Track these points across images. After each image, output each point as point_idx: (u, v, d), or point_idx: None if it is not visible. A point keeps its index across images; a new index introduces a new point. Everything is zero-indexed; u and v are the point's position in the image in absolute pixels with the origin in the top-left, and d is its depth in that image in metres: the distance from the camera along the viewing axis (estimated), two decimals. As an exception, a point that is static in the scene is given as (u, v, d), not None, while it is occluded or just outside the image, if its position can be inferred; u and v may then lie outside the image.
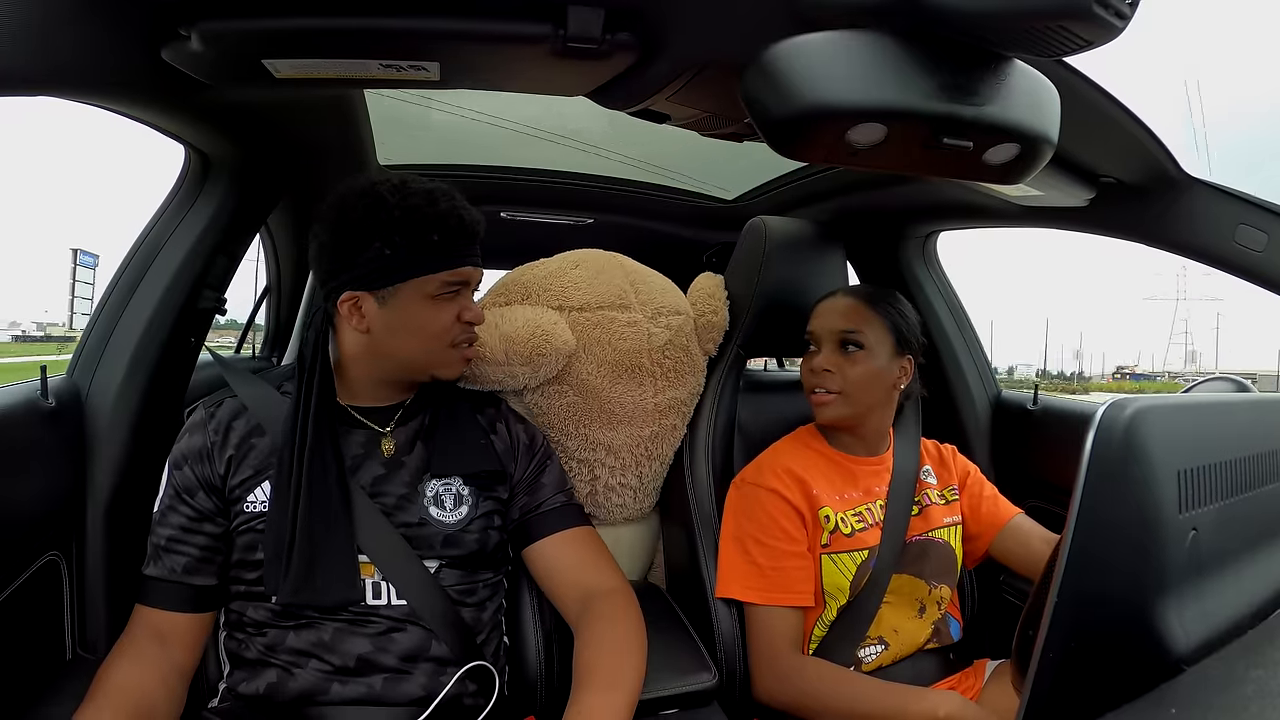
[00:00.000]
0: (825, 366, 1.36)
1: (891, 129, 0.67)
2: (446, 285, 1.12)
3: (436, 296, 1.12)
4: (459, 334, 1.15)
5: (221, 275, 1.39)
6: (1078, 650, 0.56)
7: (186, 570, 1.08)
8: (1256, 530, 0.74)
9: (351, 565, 1.07)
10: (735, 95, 0.70)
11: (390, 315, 1.11)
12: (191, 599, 1.08)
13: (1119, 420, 0.58)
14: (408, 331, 1.12)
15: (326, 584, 1.05)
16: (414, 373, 1.18)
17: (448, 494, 1.16)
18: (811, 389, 1.37)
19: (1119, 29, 0.58)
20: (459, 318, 1.14)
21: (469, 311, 1.15)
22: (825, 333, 1.38)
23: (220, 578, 1.11)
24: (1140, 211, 1.24)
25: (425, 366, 1.17)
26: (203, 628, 1.10)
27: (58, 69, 0.84)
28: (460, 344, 1.16)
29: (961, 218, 1.68)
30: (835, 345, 1.37)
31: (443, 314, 1.13)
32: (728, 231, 2.11)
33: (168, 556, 1.08)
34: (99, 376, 1.22)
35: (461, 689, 1.10)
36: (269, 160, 1.39)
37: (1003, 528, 1.44)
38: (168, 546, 1.08)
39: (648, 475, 1.63)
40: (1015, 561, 1.42)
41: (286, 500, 1.06)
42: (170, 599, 1.07)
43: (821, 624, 1.34)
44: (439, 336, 1.14)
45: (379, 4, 0.81)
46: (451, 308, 1.14)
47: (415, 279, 1.10)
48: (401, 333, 1.12)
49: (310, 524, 1.05)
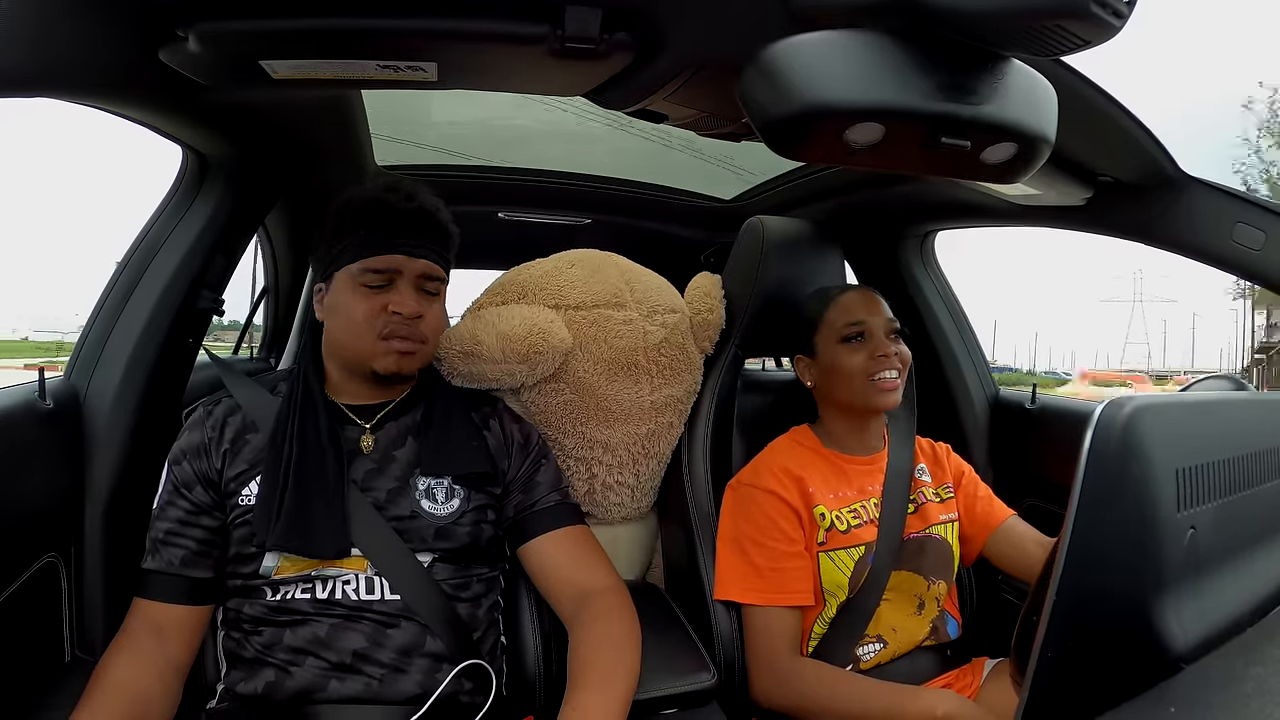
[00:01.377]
0: (895, 350, 1.38)
1: (889, 128, 0.67)
2: (370, 273, 1.15)
3: (364, 285, 1.15)
4: (384, 325, 1.15)
5: (219, 276, 1.39)
6: (1077, 648, 0.56)
7: (184, 563, 1.09)
8: (1255, 528, 0.75)
9: (340, 517, 1.09)
10: (733, 95, 0.70)
11: (330, 304, 1.18)
12: (189, 591, 1.09)
13: (1117, 419, 0.58)
14: (339, 320, 1.17)
15: (318, 532, 1.07)
16: (355, 364, 1.19)
17: (439, 488, 1.17)
18: (880, 371, 1.37)
19: (1117, 28, 0.58)
20: (385, 307, 1.15)
21: (396, 303, 1.15)
22: (878, 323, 1.40)
23: (217, 571, 1.12)
24: (1138, 210, 1.24)
25: (358, 357, 1.17)
26: (199, 622, 1.11)
27: (55, 70, 0.84)
28: (390, 336, 1.16)
29: (959, 217, 1.68)
30: (886, 334, 1.39)
31: (366, 303, 1.14)
32: (725, 231, 2.11)
33: (166, 550, 1.09)
34: (97, 378, 1.22)
35: (458, 687, 1.10)
36: (266, 161, 1.38)
37: (996, 529, 1.44)
38: (166, 540, 1.10)
39: (645, 474, 1.63)
40: (1008, 564, 1.43)
41: (279, 456, 1.10)
42: (168, 591, 1.08)
43: (822, 621, 1.34)
44: (364, 325, 1.15)
45: (376, 4, 0.80)
46: (379, 298, 1.15)
47: (344, 268, 1.16)
48: (336, 321, 1.17)
49: (302, 474, 1.08)
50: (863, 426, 1.45)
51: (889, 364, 1.37)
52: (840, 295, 1.45)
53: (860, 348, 1.38)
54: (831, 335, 1.42)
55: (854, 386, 1.38)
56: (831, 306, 1.44)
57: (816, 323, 1.45)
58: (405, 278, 1.16)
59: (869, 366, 1.37)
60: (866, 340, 1.39)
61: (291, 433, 1.11)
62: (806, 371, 1.47)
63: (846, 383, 1.39)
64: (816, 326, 1.44)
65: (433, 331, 1.21)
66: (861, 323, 1.39)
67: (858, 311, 1.41)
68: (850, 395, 1.39)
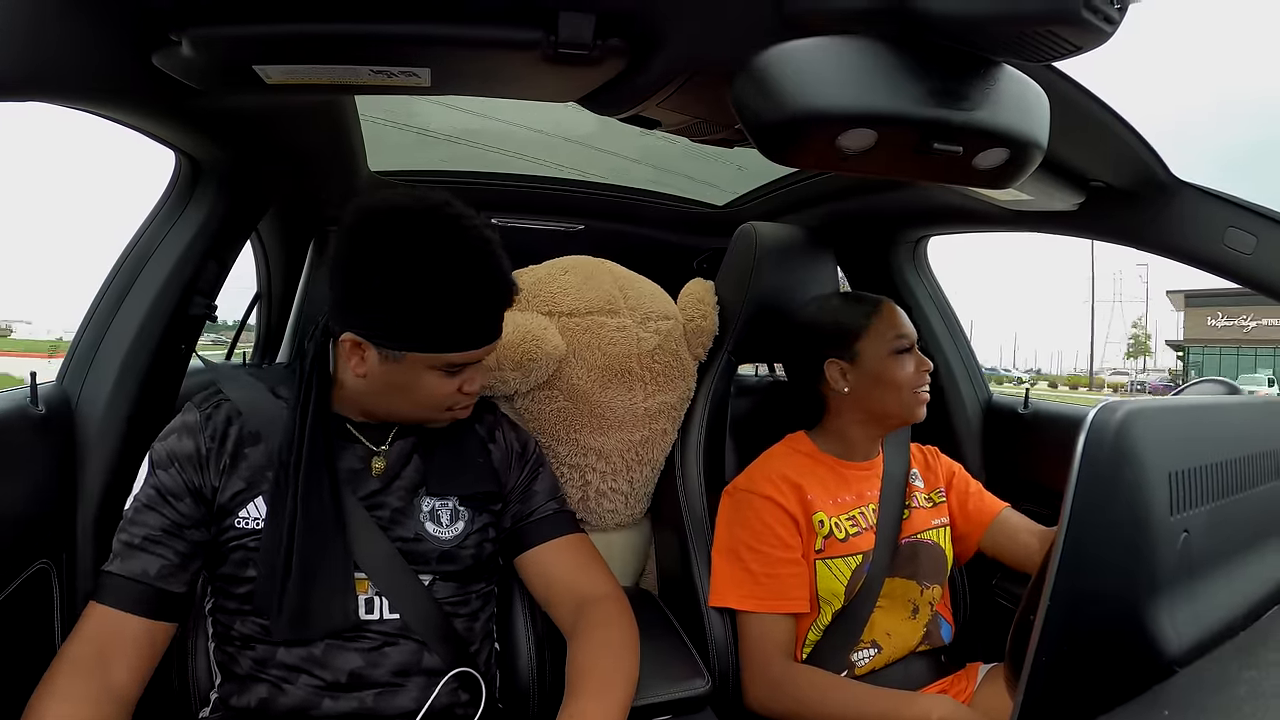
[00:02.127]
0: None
1: (882, 134, 0.67)
2: (453, 365, 1.07)
3: (442, 370, 1.06)
4: (456, 401, 1.11)
5: (212, 281, 1.38)
6: (1071, 653, 0.56)
7: (160, 574, 1.01)
8: (1248, 532, 0.75)
9: (347, 590, 1.05)
10: (726, 101, 0.70)
11: (390, 373, 1.05)
12: (155, 604, 1.00)
13: (1110, 423, 0.58)
14: (404, 393, 1.08)
15: (321, 614, 1.03)
16: (401, 420, 1.15)
17: (444, 510, 1.14)
18: (922, 385, 1.40)
19: (1108, 34, 0.59)
20: (460, 389, 1.09)
21: (472, 384, 1.11)
22: (913, 337, 1.42)
23: (190, 586, 1.05)
24: (1130, 215, 1.25)
25: (414, 420, 1.14)
26: (156, 643, 1.02)
27: (48, 74, 0.83)
28: (456, 409, 1.13)
29: (952, 222, 1.69)
30: (914, 347, 1.41)
31: (444, 386, 1.07)
32: (718, 237, 2.11)
33: (140, 556, 1.01)
34: (89, 383, 1.21)
35: (453, 699, 1.09)
36: (260, 166, 1.38)
37: (990, 523, 1.46)
38: (142, 546, 1.01)
39: (639, 480, 1.63)
40: (1005, 555, 1.43)
41: (281, 529, 1.03)
42: (133, 601, 0.99)
43: (816, 628, 1.34)
44: (435, 404, 1.10)
45: (370, 10, 0.80)
46: (455, 380, 1.08)
47: (423, 351, 1.04)
48: (398, 391, 1.08)
49: (305, 552, 1.02)
50: (878, 435, 1.46)
51: (926, 379, 1.40)
52: (882, 305, 1.44)
53: (909, 359, 1.40)
54: (882, 345, 1.39)
55: (901, 398, 1.38)
56: (877, 316, 1.42)
57: (858, 330, 1.41)
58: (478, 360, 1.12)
59: (915, 380, 1.39)
60: (911, 353, 1.40)
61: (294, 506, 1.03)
62: (841, 376, 1.41)
63: (895, 393, 1.38)
64: (858, 334, 1.41)
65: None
66: (907, 336, 1.41)
67: (904, 324, 1.42)
68: (895, 405, 1.39)
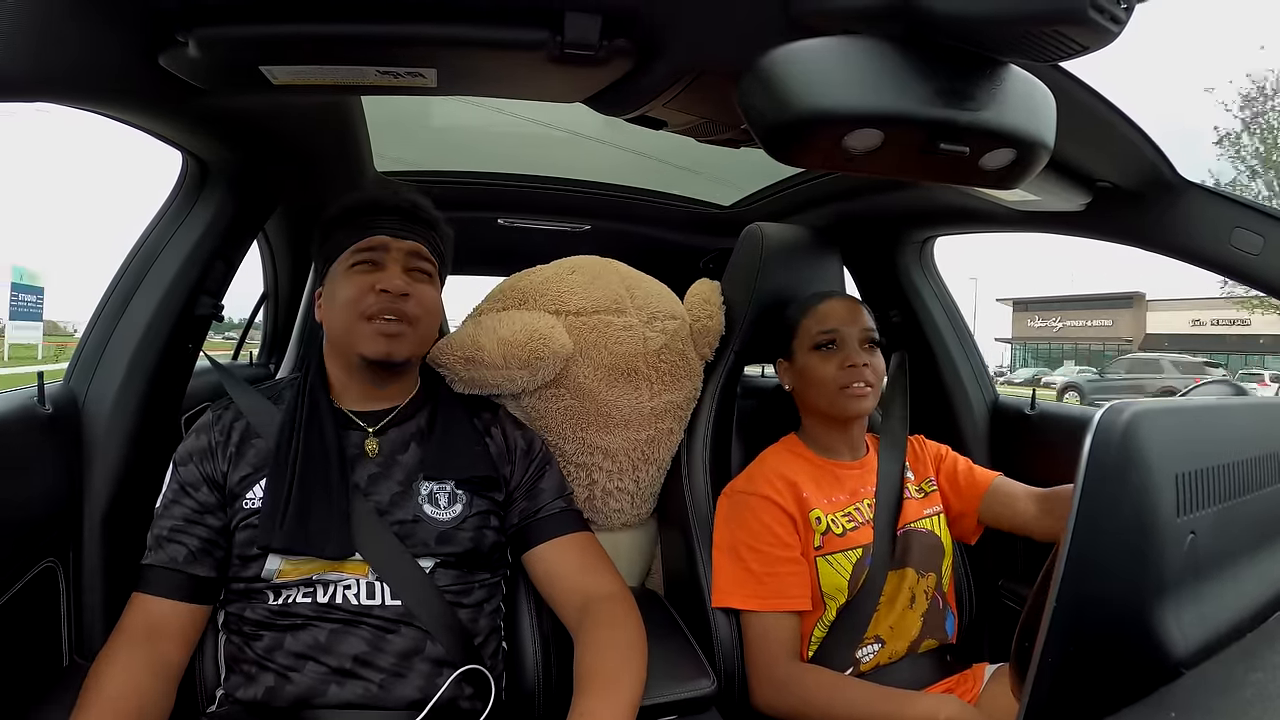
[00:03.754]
0: (865, 362, 1.39)
1: (888, 134, 0.67)
2: (358, 254, 1.17)
3: (353, 268, 1.17)
4: (372, 304, 1.15)
5: (219, 282, 1.39)
6: (1076, 654, 0.56)
7: (187, 560, 1.08)
8: (1254, 533, 0.75)
9: (344, 522, 1.09)
10: (732, 101, 0.70)
11: (325, 298, 1.21)
12: (189, 588, 1.08)
13: (1117, 424, 0.58)
14: (332, 307, 1.18)
15: (319, 535, 1.07)
16: (346, 351, 1.19)
17: (441, 493, 1.17)
18: (852, 383, 1.38)
19: (1115, 34, 0.58)
20: (372, 287, 1.15)
21: (383, 281, 1.15)
22: (852, 332, 1.41)
23: (219, 571, 1.11)
24: (1136, 216, 1.24)
25: (347, 343, 1.17)
26: (195, 623, 1.10)
27: (56, 75, 0.84)
28: (375, 315, 1.15)
29: (958, 223, 1.69)
30: (859, 343, 1.41)
31: (355, 285, 1.16)
32: (724, 238, 2.11)
33: (169, 546, 1.09)
34: (96, 383, 1.22)
35: (458, 692, 1.10)
36: (266, 167, 1.38)
37: (984, 494, 1.46)
38: (170, 537, 1.09)
39: (645, 480, 1.63)
40: (1006, 523, 1.43)
41: (285, 460, 1.11)
42: (169, 587, 1.07)
43: (822, 625, 1.34)
44: (351, 307, 1.15)
45: (376, 11, 0.81)
46: (367, 279, 1.16)
47: (337, 260, 1.19)
48: (330, 313, 1.19)
49: (306, 478, 1.09)
50: (842, 431, 1.46)
51: (858, 375, 1.38)
52: (819, 303, 1.47)
53: (831, 356, 1.41)
54: (806, 342, 1.45)
55: (825, 394, 1.41)
56: (809, 314, 1.47)
57: (794, 328, 1.48)
58: (392, 256, 1.18)
59: (839, 376, 1.39)
60: (838, 349, 1.41)
61: (297, 438, 1.12)
62: (786, 375, 1.52)
63: (817, 389, 1.42)
64: (794, 332, 1.48)
65: (424, 312, 1.19)
66: (834, 331, 1.42)
67: (831, 320, 1.43)
68: (824, 402, 1.42)
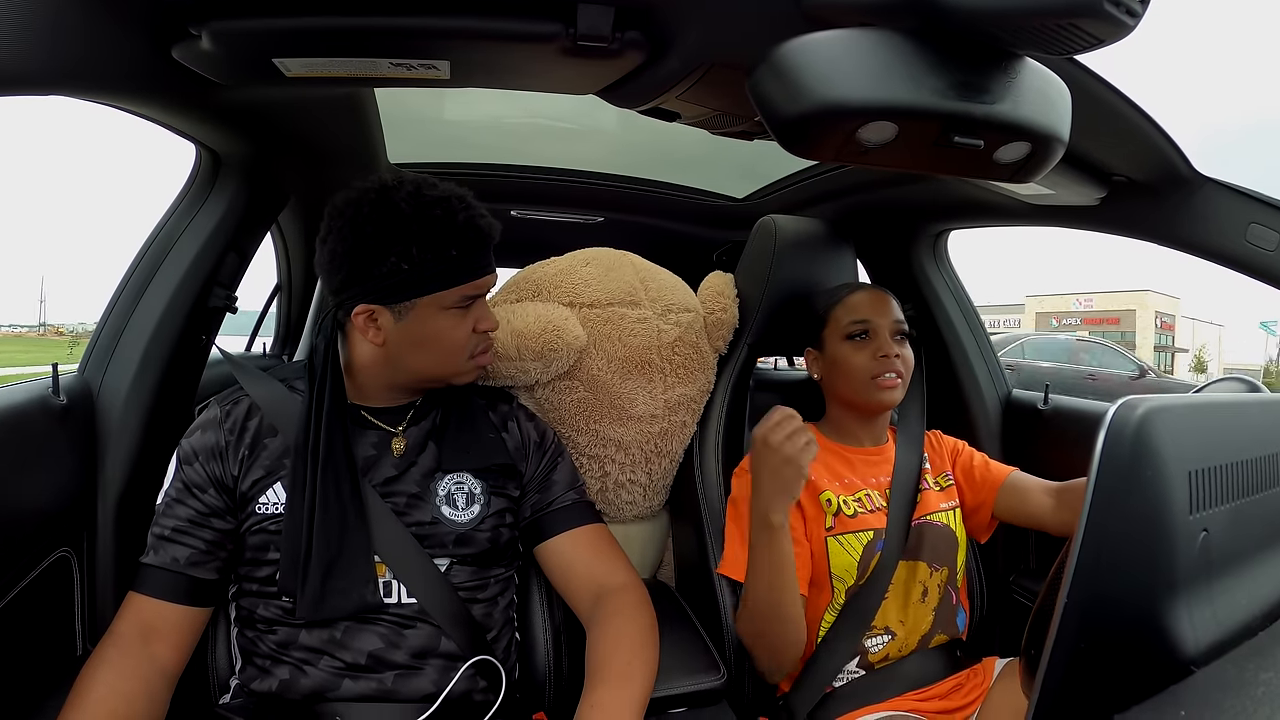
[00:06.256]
0: (897, 353, 1.40)
1: (902, 127, 0.66)
2: (464, 298, 1.11)
3: (452, 308, 1.11)
4: (476, 344, 1.15)
5: (232, 273, 1.40)
6: (1087, 651, 0.56)
7: (190, 562, 1.06)
8: (1267, 531, 0.74)
9: (368, 572, 1.07)
10: (745, 93, 0.70)
11: (407, 329, 1.10)
12: (190, 591, 1.06)
13: (1130, 420, 0.58)
14: (425, 345, 1.12)
15: (343, 594, 1.05)
16: (429, 382, 1.18)
17: (460, 492, 1.16)
18: (883, 373, 1.39)
19: (1130, 27, 0.58)
20: (475, 328, 1.14)
21: (485, 321, 1.15)
22: (884, 323, 1.42)
23: (221, 574, 1.10)
24: (1151, 210, 1.23)
25: (442, 377, 1.16)
26: (194, 626, 1.08)
27: (69, 69, 0.84)
28: (477, 353, 1.16)
29: (972, 216, 1.68)
30: (891, 334, 1.41)
31: (460, 326, 1.12)
32: (738, 230, 2.11)
33: (171, 546, 1.07)
34: (110, 374, 1.23)
35: (472, 685, 1.10)
36: (279, 159, 1.39)
37: (1000, 487, 1.45)
38: (172, 537, 1.07)
39: (657, 472, 1.63)
40: (1022, 517, 1.42)
41: (301, 511, 1.05)
42: (168, 589, 1.05)
43: (832, 609, 1.34)
44: (457, 349, 1.13)
45: (389, 3, 0.81)
46: (468, 319, 1.13)
47: (433, 294, 1.08)
48: (419, 346, 1.12)
49: (326, 534, 1.05)
50: (868, 420, 1.47)
51: (890, 365, 1.39)
52: (850, 294, 1.47)
53: (863, 346, 1.41)
54: (838, 332, 1.45)
55: (855, 384, 1.41)
56: (840, 304, 1.47)
57: (825, 318, 1.48)
58: (484, 294, 1.16)
59: (871, 366, 1.39)
60: (870, 340, 1.41)
61: (313, 490, 1.06)
62: (814, 364, 1.52)
63: (848, 379, 1.42)
64: (825, 322, 1.48)
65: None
66: (866, 321, 1.42)
67: (864, 310, 1.44)
68: (852, 392, 1.42)
